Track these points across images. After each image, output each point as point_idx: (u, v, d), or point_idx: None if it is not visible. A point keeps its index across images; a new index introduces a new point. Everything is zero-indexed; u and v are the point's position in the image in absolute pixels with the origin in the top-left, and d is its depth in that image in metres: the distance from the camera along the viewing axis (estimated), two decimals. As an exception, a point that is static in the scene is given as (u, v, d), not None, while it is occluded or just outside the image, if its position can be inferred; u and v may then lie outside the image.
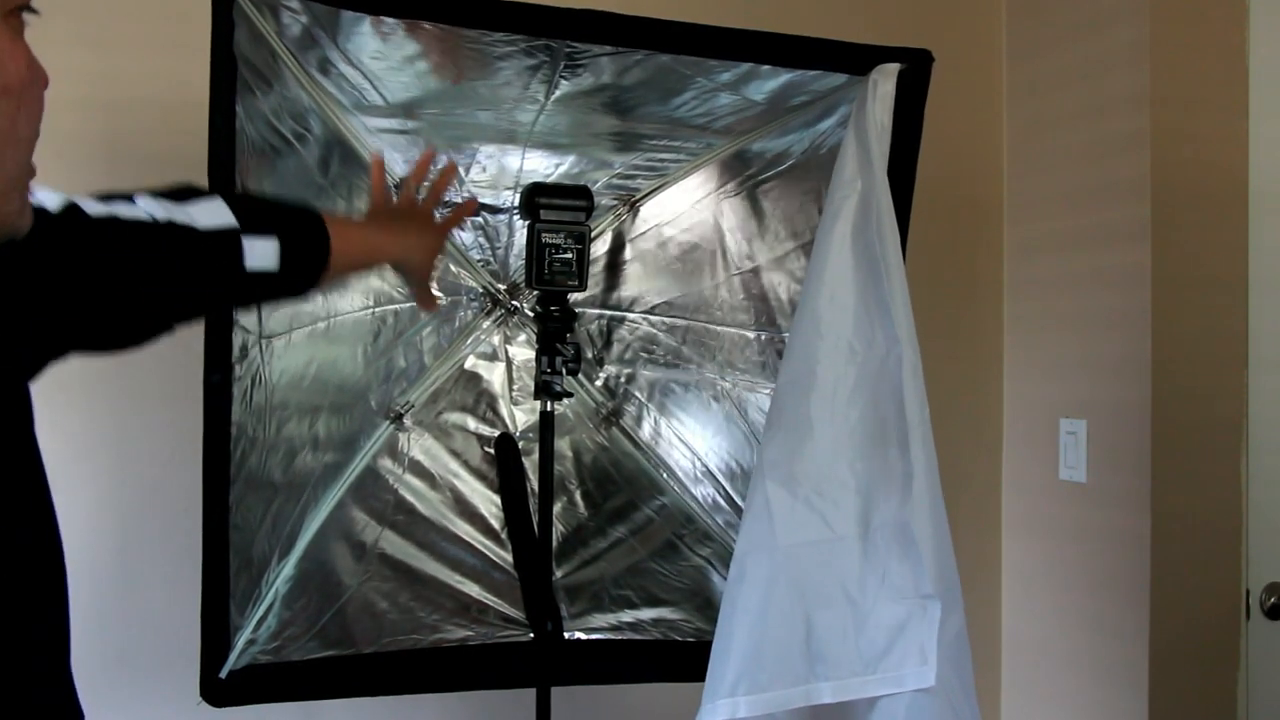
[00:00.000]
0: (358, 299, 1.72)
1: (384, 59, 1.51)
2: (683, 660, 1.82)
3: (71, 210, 1.01)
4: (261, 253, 1.11)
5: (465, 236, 1.78)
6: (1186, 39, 2.10)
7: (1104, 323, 2.18)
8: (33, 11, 0.78)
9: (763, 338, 1.85)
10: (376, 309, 1.74)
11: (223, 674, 1.57)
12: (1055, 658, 2.31)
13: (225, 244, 1.10)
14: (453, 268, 1.79)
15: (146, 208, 1.07)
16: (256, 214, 1.15)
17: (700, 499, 1.87)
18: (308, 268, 1.20)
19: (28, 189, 0.78)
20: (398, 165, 1.71)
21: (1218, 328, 2.11)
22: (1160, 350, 2.07)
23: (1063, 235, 2.30)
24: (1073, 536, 2.25)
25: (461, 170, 1.73)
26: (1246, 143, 2.13)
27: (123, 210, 1.05)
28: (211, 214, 1.10)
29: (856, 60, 1.58)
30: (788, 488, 1.51)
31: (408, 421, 1.78)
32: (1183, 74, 2.09)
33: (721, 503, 1.87)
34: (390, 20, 1.43)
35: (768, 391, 1.81)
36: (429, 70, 1.56)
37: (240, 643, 1.60)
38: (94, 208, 1.04)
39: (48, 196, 0.99)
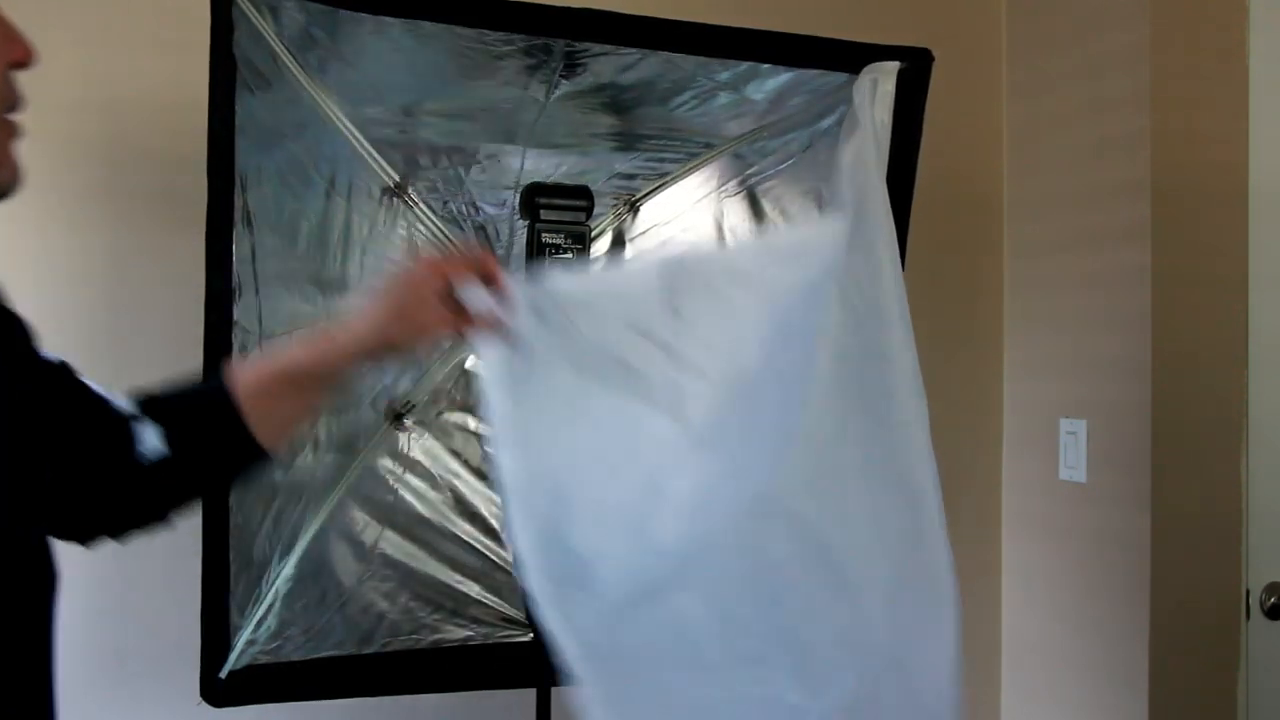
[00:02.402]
0: (358, 298, 1.72)
1: (383, 59, 1.51)
2: (683, 660, 1.82)
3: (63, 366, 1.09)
4: (150, 439, 1.11)
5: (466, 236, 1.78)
6: (1186, 39, 2.10)
7: (1104, 323, 2.17)
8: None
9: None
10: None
11: (223, 674, 1.57)
12: (1055, 658, 2.31)
13: (121, 429, 1.11)
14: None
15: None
16: (155, 402, 1.14)
17: (700, 499, 1.87)
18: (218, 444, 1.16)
19: (6, 149, 0.84)
20: (397, 165, 1.71)
21: (1218, 328, 2.11)
22: (1160, 350, 2.06)
23: (1063, 235, 2.30)
24: (1073, 536, 2.25)
25: (461, 170, 1.73)
26: (1246, 143, 2.13)
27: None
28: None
29: (857, 59, 1.58)
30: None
31: (408, 421, 1.77)
32: (1183, 74, 2.09)
33: (721, 502, 1.87)
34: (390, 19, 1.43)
35: (768, 391, 1.81)
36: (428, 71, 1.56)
37: (240, 643, 1.60)
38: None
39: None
